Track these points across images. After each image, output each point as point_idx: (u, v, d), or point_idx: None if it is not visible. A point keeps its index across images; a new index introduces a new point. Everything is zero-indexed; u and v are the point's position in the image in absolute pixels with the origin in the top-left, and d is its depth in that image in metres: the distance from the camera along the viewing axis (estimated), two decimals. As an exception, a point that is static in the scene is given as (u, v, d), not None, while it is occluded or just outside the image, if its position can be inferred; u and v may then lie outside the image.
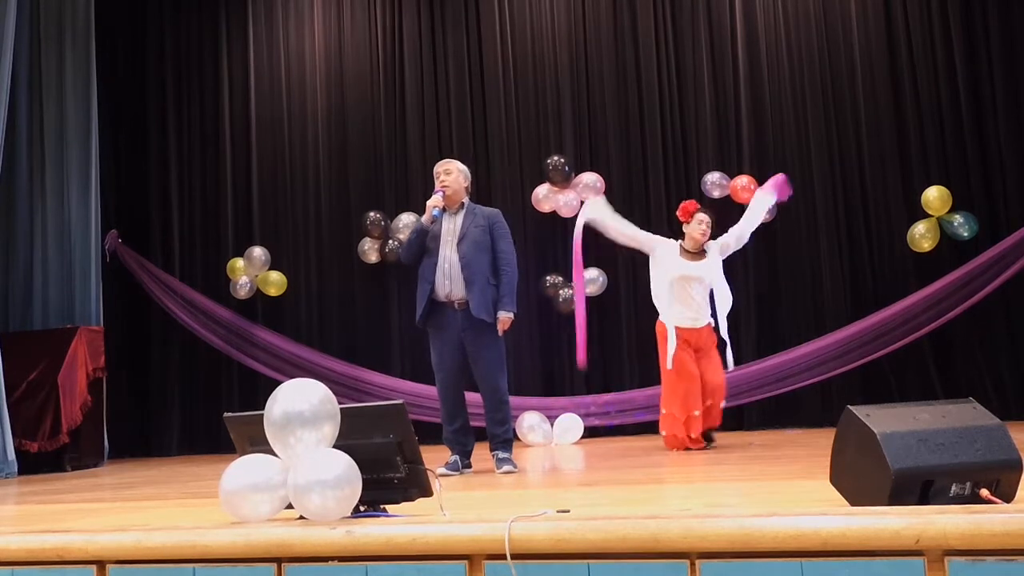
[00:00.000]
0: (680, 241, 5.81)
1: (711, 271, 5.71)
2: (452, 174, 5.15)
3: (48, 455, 7.11)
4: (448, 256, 5.04)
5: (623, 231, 5.94)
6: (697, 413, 5.54)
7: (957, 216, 6.88)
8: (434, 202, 5.03)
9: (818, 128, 7.43)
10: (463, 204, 5.20)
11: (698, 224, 5.72)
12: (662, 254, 5.75)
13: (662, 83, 7.81)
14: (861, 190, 7.30)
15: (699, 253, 5.74)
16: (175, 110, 8.90)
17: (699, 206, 5.87)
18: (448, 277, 5.01)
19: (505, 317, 5.01)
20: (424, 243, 5.08)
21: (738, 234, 5.85)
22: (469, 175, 5.29)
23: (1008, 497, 2.46)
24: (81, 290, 7.88)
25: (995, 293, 6.74)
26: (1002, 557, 2.03)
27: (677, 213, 5.92)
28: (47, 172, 7.96)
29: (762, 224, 7.32)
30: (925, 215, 6.93)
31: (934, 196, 6.88)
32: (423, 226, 5.08)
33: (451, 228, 5.10)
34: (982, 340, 6.88)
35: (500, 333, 5.01)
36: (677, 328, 5.65)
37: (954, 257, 6.91)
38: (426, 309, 5.04)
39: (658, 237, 5.91)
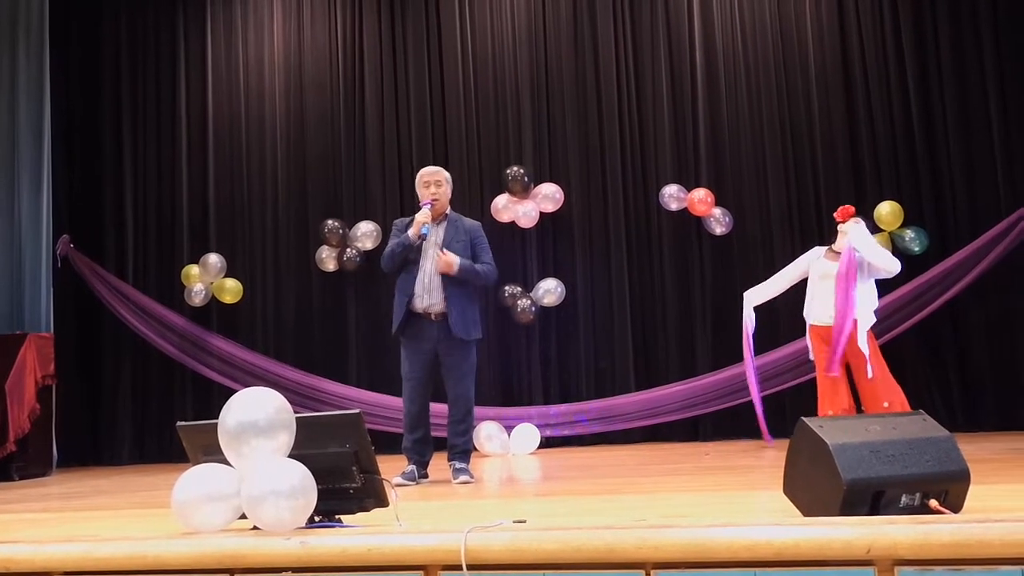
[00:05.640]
0: (831, 244, 5.85)
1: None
2: (443, 186, 5.14)
3: (-6, 464, 6.97)
4: (429, 270, 5.03)
5: (781, 287, 6.14)
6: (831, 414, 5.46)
7: (908, 231, 7.00)
8: (424, 218, 5.00)
9: (774, 143, 7.53)
10: (446, 215, 5.19)
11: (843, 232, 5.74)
12: (811, 261, 5.84)
13: (621, 95, 7.87)
14: (815, 204, 7.40)
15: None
16: (130, 114, 8.77)
17: (853, 211, 5.84)
18: (428, 291, 5.00)
19: (453, 260, 4.97)
20: (407, 255, 5.06)
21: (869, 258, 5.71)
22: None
23: (956, 507, 2.51)
24: (31, 296, 7.74)
25: (945, 307, 6.87)
26: (950, 567, 2.07)
27: (835, 215, 5.88)
28: (-3, 175, 7.82)
29: (716, 237, 7.45)
30: (877, 229, 7.03)
31: (886, 211, 6.99)
32: (410, 241, 5.03)
33: (433, 240, 5.07)
34: (931, 353, 7.00)
35: (437, 257, 4.97)
36: (813, 326, 5.74)
37: (905, 271, 7.02)
38: (406, 320, 5.02)
39: (804, 257, 5.98)
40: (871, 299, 5.68)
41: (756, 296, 6.26)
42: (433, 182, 5.14)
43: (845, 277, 5.53)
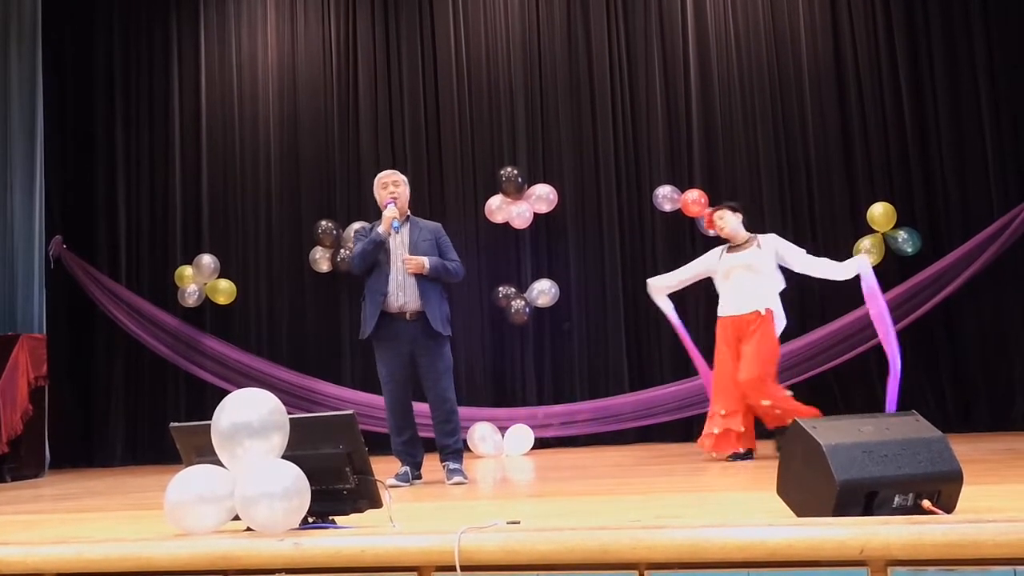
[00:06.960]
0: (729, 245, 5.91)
1: (754, 258, 5.66)
2: (400, 186, 5.23)
3: (-14, 465, 6.94)
4: (401, 268, 5.05)
5: (683, 279, 6.09)
6: (723, 413, 5.45)
7: (901, 232, 7.01)
8: (392, 213, 5.08)
9: (767, 144, 7.53)
10: (408, 216, 5.23)
11: (717, 223, 5.87)
12: (712, 263, 5.85)
13: (615, 96, 7.88)
14: (809, 205, 7.42)
15: (745, 243, 5.76)
16: (124, 115, 8.75)
17: (713, 209, 6.05)
18: (402, 289, 5.03)
19: (422, 260, 5.02)
20: (377, 254, 5.08)
21: (805, 263, 5.72)
22: None
23: (949, 508, 2.51)
24: (23, 297, 7.71)
25: (937, 308, 6.88)
26: (943, 567, 2.07)
27: (706, 226, 6.28)
28: (-10, 175, 7.79)
29: (710, 238, 7.46)
30: (870, 231, 7.05)
31: (879, 212, 7.01)
32: (381, 237, 5.07)
33: (400, 241, 5.13)
34: (924, 354, 7.01)
35: (404, 260, 5.01)
36: (719, 318, 5.71)
37: (898, 272, 7.04)
38: (378, 321, 5.04)
39: (704, 257, 6.00)
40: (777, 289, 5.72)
41: (660, 283, 6.17)
42: (391, 182, 5.23)
43: (880, 315, 5.50)
